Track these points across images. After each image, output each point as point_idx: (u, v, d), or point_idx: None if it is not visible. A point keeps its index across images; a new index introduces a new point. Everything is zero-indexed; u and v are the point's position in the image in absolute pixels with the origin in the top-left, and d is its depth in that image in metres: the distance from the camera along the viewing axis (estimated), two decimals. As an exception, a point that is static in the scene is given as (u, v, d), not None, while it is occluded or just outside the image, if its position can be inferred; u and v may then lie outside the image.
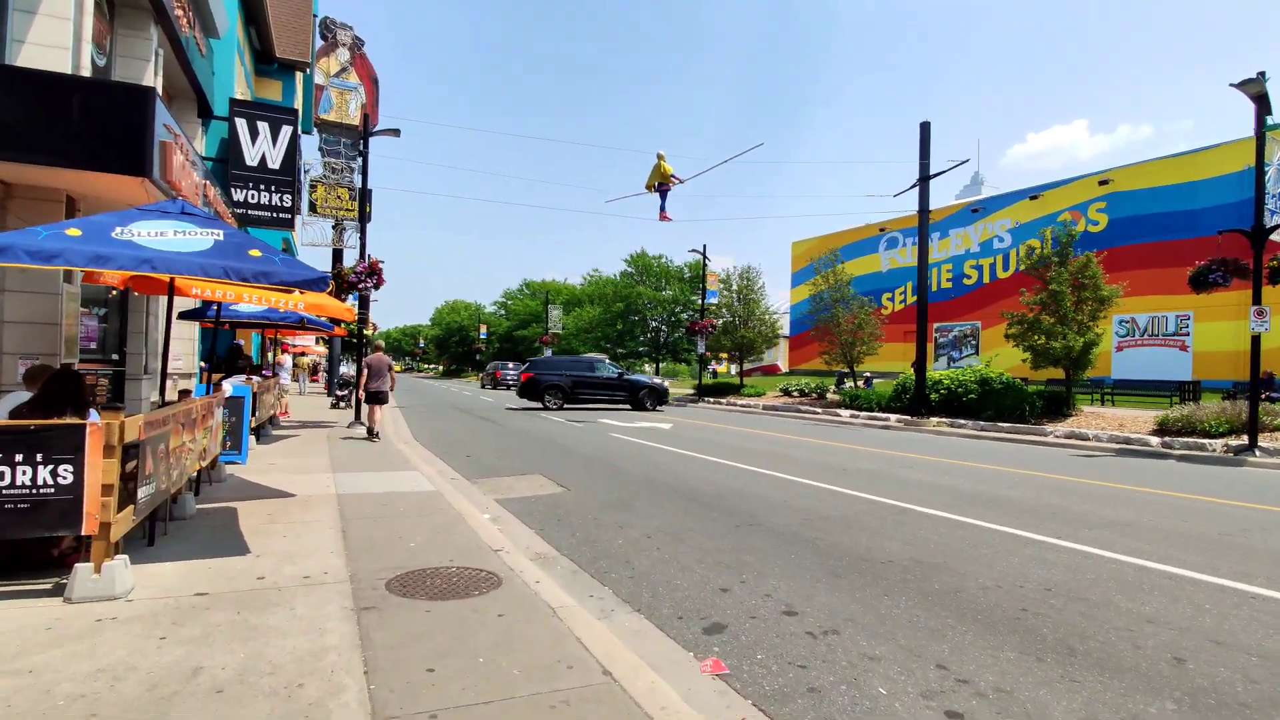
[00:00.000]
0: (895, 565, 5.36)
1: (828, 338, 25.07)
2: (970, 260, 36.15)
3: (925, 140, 19.48)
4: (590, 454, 11.93)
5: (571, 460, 11.13)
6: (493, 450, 12.38)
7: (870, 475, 10.00)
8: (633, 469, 10.26)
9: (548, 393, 23.92)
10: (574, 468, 10.33)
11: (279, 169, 14.95)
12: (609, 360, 27.73)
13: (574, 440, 14.11)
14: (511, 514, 7.18)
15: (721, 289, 31.22)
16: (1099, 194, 29.87)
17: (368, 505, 6.91)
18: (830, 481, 9.34)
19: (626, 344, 54.78)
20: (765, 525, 6.71)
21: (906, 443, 15.19)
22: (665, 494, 8.31)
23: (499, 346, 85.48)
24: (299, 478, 8.40)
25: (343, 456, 10.42)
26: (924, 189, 19.65)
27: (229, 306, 11.20)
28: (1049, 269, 18.10)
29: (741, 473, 10.07)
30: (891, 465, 11.15)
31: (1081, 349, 17.03)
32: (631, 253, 58.98)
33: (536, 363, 25.34)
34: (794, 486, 8.94)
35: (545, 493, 8.40)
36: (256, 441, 11.34)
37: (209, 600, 4.02)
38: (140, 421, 4.41)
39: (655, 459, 11.40)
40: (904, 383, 21.67)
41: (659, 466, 10.53)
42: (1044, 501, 8.15)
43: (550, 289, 70.33)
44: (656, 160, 18.28)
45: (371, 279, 14.64)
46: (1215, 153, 26.61)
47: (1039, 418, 17.58)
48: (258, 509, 6.51)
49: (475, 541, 5.56)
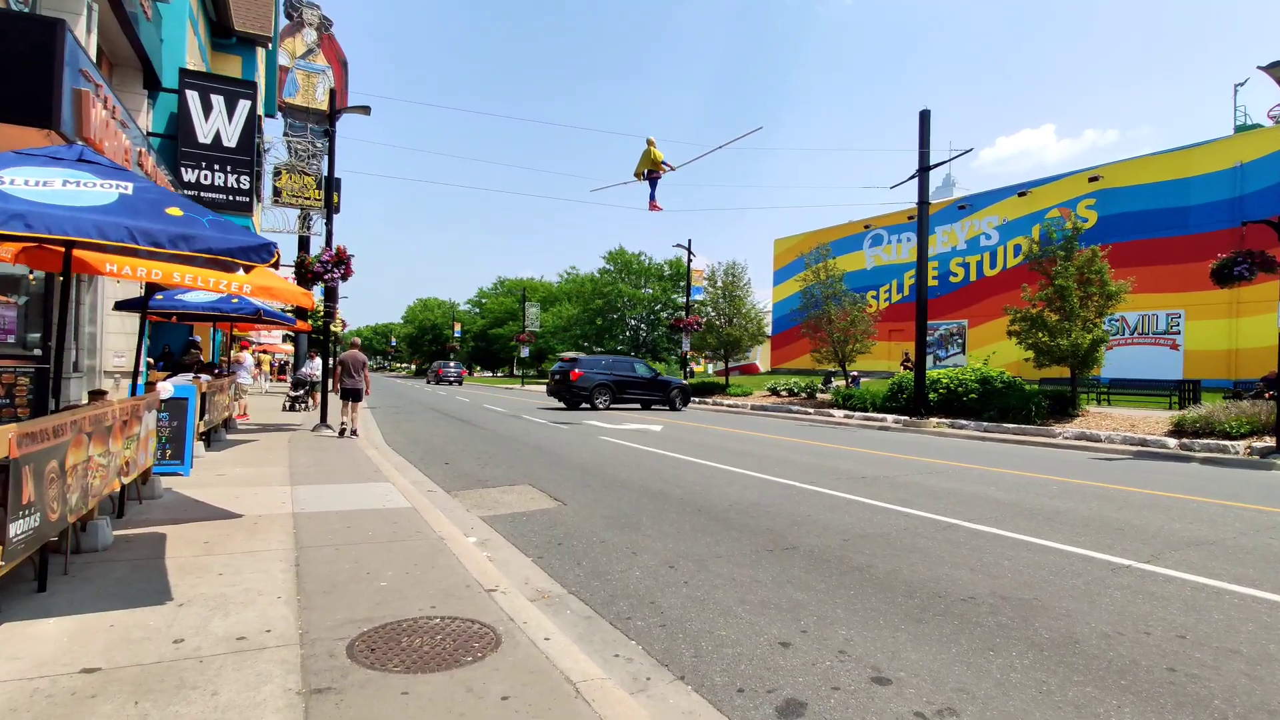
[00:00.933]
0: (979, 603, 4.40)
1: (819, 335, 24.25)
2: (957, 258, 35.70)
3: (925, 129, 18.72)
4: (582, 460, 10.87)
5: (562, 468, 10.06)
6: (474, 457, 11.26)
7: (893, 484, 9.08)
8: (631, 477, 9.23)
9: (597, 392, 23.31)
10: (566, 476, 9.26)
11: (235, 148, 13.66)
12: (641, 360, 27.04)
13: (561, 445, 13.04)
14: (502, 536, 6.11)
15: (706, 285, 30.28)
16: (1088, 190, 29.51)
17: (330, 527, 5.79)
18: (852, 491, 8.40)
19: (605, 343, 53.64)
20: (801, 548, 5.73)
21: (912, 445, 14.36)
22: (673, 508, 7.30)
23: (473, 345, 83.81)
24: (251, 492, 7.23)
25: (304, 465, 9.24)
26: (923, 180, 18.90)
27: (174, 295, 9.97)
28: (1053, 263, 17.44)
29: (751, 481, 9.09)
30: (910, 471, 10.25)
31: (1089, 346, 16.38)
32: (609, 249, 57.84)
33: (584, 361, 24.49)
34: (815, 498, 7.98)
35: (538, 507, 7.33)
36: (206, 448, 10.10)
37: (98, 681, 2.91)
38: (12, 435, 3.27)
39: (653, 466, 10.38)
40: (900, 381, 20.92)
41: (659, 475, 9.51)
42: (1099, 514, 7.29)
43: (527, 286, 68.91)
44: (646, 146, 17.25)
45: (339, 269, 13.42)
46: (1207, 149, 26.35)
47: (1045, 418, 16.89)
48: (193, 535, 5.37)
49: (462, 576, 4.50)
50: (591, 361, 24.51)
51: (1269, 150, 24.02)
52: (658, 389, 24.66)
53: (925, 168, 18.71)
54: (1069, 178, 30.55)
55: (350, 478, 8.41)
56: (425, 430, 15.68)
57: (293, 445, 11.39)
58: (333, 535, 5.54)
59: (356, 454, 10.57)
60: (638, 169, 17.47)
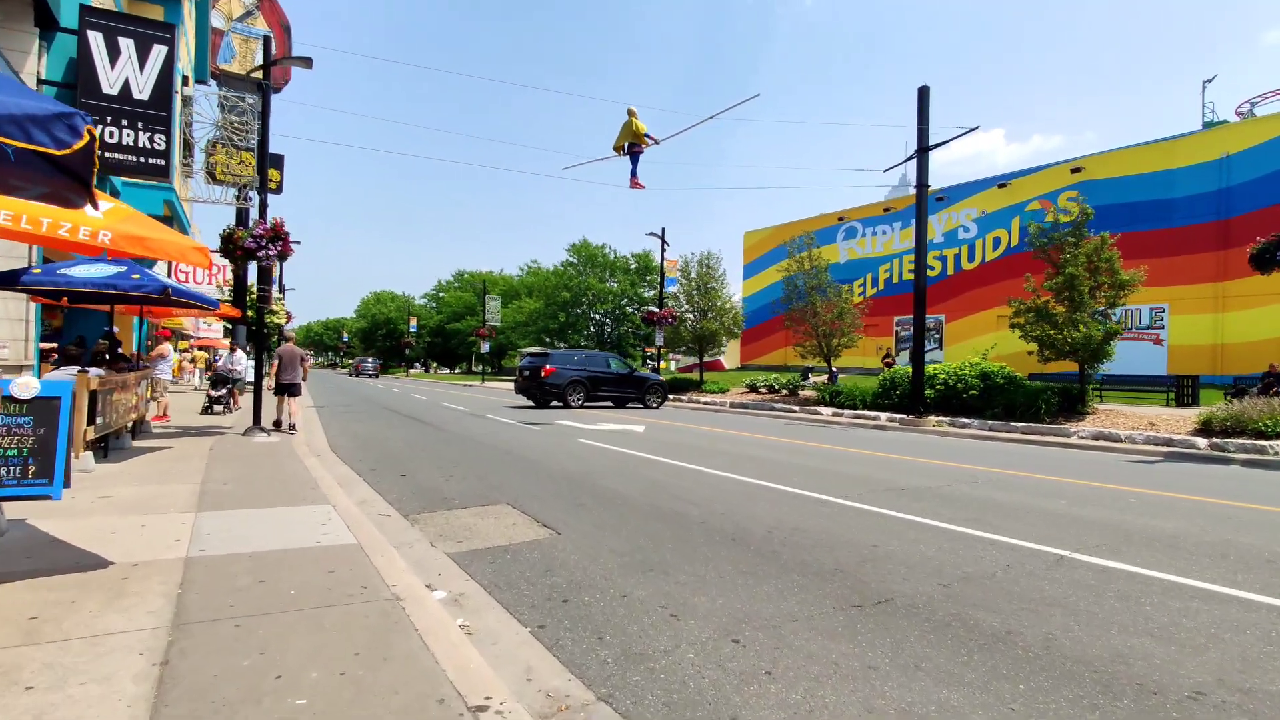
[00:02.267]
0: (1215, 704, 2.92)
1: (802, 328, 22.94)
2: (934, 251, 34.82)
3: (924, 107, 17.49)
4: (565, 469, 9.20)
5: (544, 479, 8.38)
6: (435, 466, 9.49)
7: (941, 496, 7.66)
8: (630, 491, 7.61)
9: (571, 389, 21.53)
10: (552, 491, 7.60)
11: (148, 101, 11.57)
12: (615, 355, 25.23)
13: (537, 450, 11.34)
14: (481, 588, 4.44)
15: (680, 277, 28.75)
16: (1071, 182, 28.89)
17: (235, 584, 4.04)
18: (902, 508, 6.94)
19: (570, 338, 51.75)
20: (896, 601, 4.21)
21: (922, 447, 13.07)
22: (699, 536, 5.71)
23: (429, 341, 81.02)
24: (138, 524, 5.39)
25: (223, 480, 7.37)
26: (922, 161, 17.67)
27: (56, 270, 8.02)
28: (1060, 250, 16.38)
29: (775, 495, 7.56)
30: (948, 479, 8.87)
31: (1103, 339, 15.35)
32: (573, 241, 55.96)
33: (556, 356, 22.59)
34: (867, 520, 6.48)
35: (525, 538, 5.66)
36: (98, 459, 8.13)
37: None
38: None
39: (650, 475, 8.78)
40: (893, 377, 19.72)
41: (662, 487, 7.91)
42: (1226, 539, 5.95)
43: (487, 280, 66.49)
44: (627, 117, 15.59)
45: (274, 245, 11.46)
46: (1192, 140, 25.89)
47: (1054, 416, 15.82)
48: (19, 603, 3.57)
49: (431, 678, 2.83)
50: (564, 356, 22.77)
51: (1256, 141, 23.60)
52: (633, 386, 23.21)
53: (925, 148, 17.48)
54: (1050, 169, 29.94)
55: (279, 498, 6.59)
56: (378, 433, 13.78)
57: (215, 454, 9.45)
58: (237, 598, 3.80)
59: (292, 464, 8.71)
60: (617, 142, 15.79)
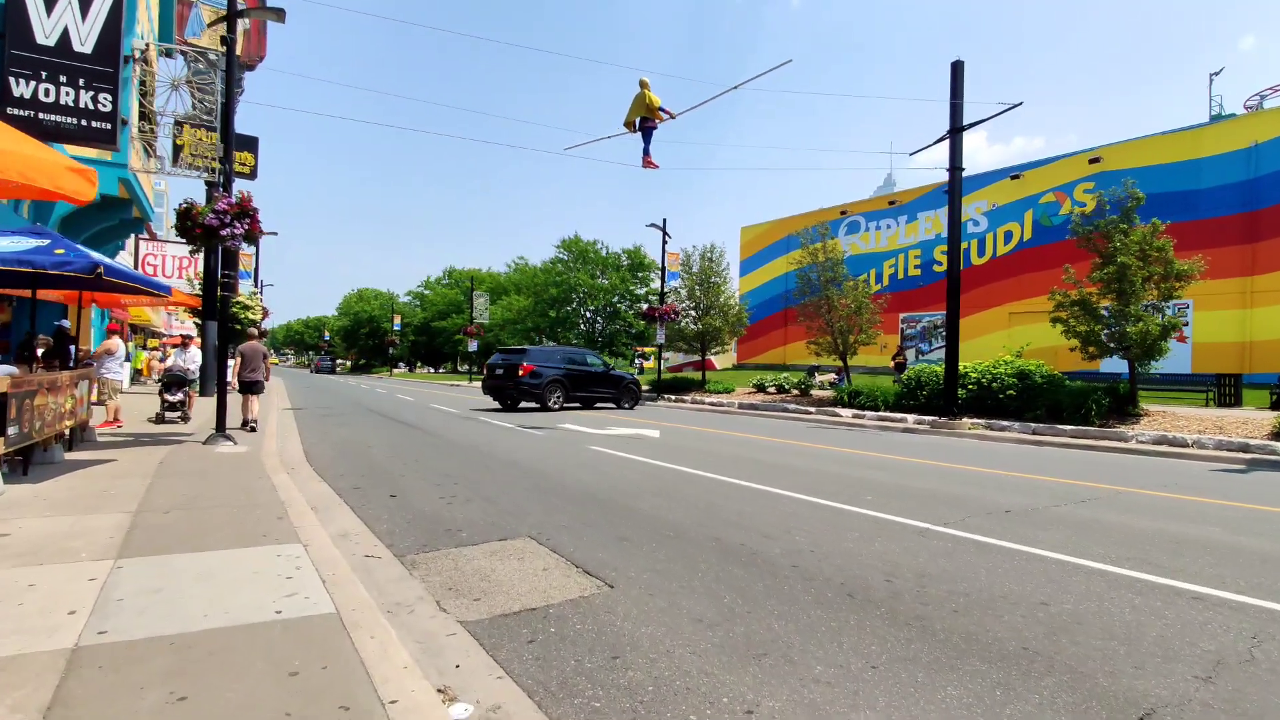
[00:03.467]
0: None
1: (816, 324, 21.54)
2: (941, 246, 33.62)
3: (958, 83, 16.15)
4: (588, 486, 7.70)
5: (567, 501, 6.88)
6: (431, 481, 7.95)
7: (1058, 522, 6.25)
8: (680, 518, 6.13)
9: (550, 389, 19.67)
10: (582, 519, 6.09)
11: (92, 55, 9.92)
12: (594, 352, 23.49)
13: (546, 460, 9.82)
14: (527, 696, 2.92)
15: (682, 271, 27.28)
16: (1087, 173, 27.73)
17: (136, 705, 2.49)
18: (1025, 539, 5.53)
19: (560, 336, 50.11)
20: (1161, 713, 2.76)
21: (976, 455, 11.71)
22: (801, 591, 4.25)
23: (414, 339, 79.04)
24: (26, 581, 3.84)
25: (166, 507, 5.80)
26: (955, 142, 16.33)
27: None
28: (1106, 239, 15.09)
29: (856, 522, 6.12)
30: (1047, 498, 7.47)
31: (1160, 334, 14.08)
32: (564, 237, 54.35)
33: (535, 353, 20.66)
34: (991, 556, 5.05)
35: (565, 595, 4.16)
36: (14, 478, 6.52)
37: None
38: None
39: (693, 494, 7.30)
40: (918, 376, 18.40)
41: (716, 511, 6.44)
42: None
43: (474, 277, 64.62)
44: (639, 90, 14.10)
45: (240, 223, 9.85)
46: (1218, 129, 24.84)
47: (1104, 419, 14.53)
48: None
49: None
50: (544, 353, 21.00)
51: (1287, 129, 22.57)
52: (610, 385, 21.65)
53: (958, 128, 16.14)
54: (1065, 159, 28.77)
55: (236, 533, 5.04)
56: (361, 438, 12.18)
57: (166, 468, 7.85)
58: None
59: (258, 482, 7.13)
60: (628, 117, 14.27)
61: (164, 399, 12.32)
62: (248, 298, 25.31)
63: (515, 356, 20.13)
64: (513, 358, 20.08)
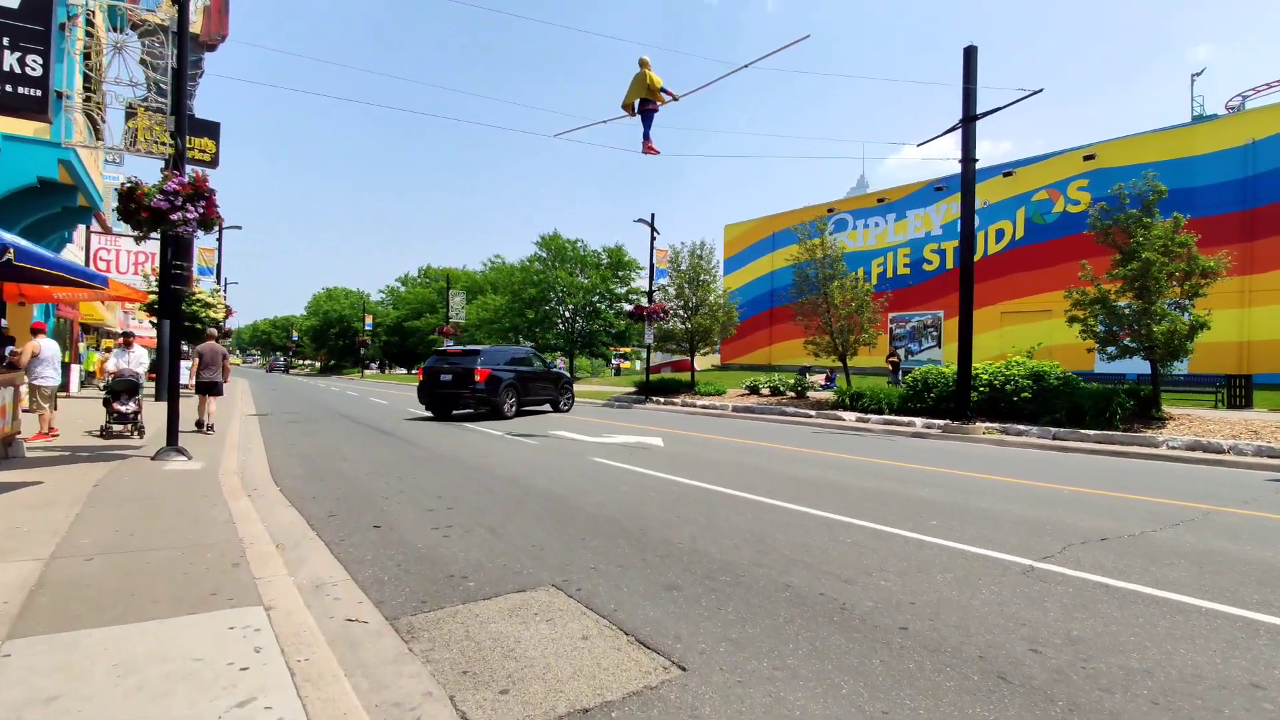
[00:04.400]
0: None
1: (814, 323, 20.64)
2: (931, 244, 33.15)
3: (970, 69, 15.34)
4: (608, 511, 6.62)
5: (590, 532, 5.79)
6: (422, 505, 6.80)
7: (1179, 554, 5.34)
8: (733, 556, 5.09)
9: (506, 395, 17.44)
10: (614, 558, 5.01)
11: (18, 8, 8.57)
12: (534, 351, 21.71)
13: (550, 476, 8.71)
14: None
15: (670, 269, 26.25)
16: (1081, 170, 27.31)
17: None
18: (1166, 583, 4.60)
19: (541, 336, 48.78)
20: None
21: (1002, 463, 10.86)
22: (934, 671, 3.23)
23: (386, 340, 77.04)
24: None
25: (89, 552, 4.59)
26: (968, 132, 15.50)
27: None
28: (1125, 234, 14.40)
29: (940, 556, 5.14)
30: (1138, 520, 6.57)
31: (1188, 333, 13.40)
32: (543, 234, 52.91)
33: (488, 354, 17.93)
34: (1141, 610, 4.09)
35: (626, 685, 3.07)
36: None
37: None
38: None
39: (735, 522, 6.27)
40: (925, 378, 17.59)
41: (771, 545, 5.41)
42: None
43: (450, 275, 62.88)
44: (639, 70, 13.04)
45: (194, 206, 8.59)
46: (1214, 126, 24.52)
47: (1128, 423, 13.82)
48: None
49: None
50: (497, 354, 18.34)
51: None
52: (552, 386, 19.90)
53: (972, 116, 15.33)
54: (1059, 156, 28.32)
55: (174, 592, 3.88)
56: (334, 449, 10.93)
57: (100, 493, 6.59)
58: None
59: (212, 511, 5.93)
60: (627, 99, 13.19)
61: (113, 409, 10.74)
62: (209, 295, 23.72)
63: (466, 360, 17.40)
64: (463, 361, 17.39)
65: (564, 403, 20.48)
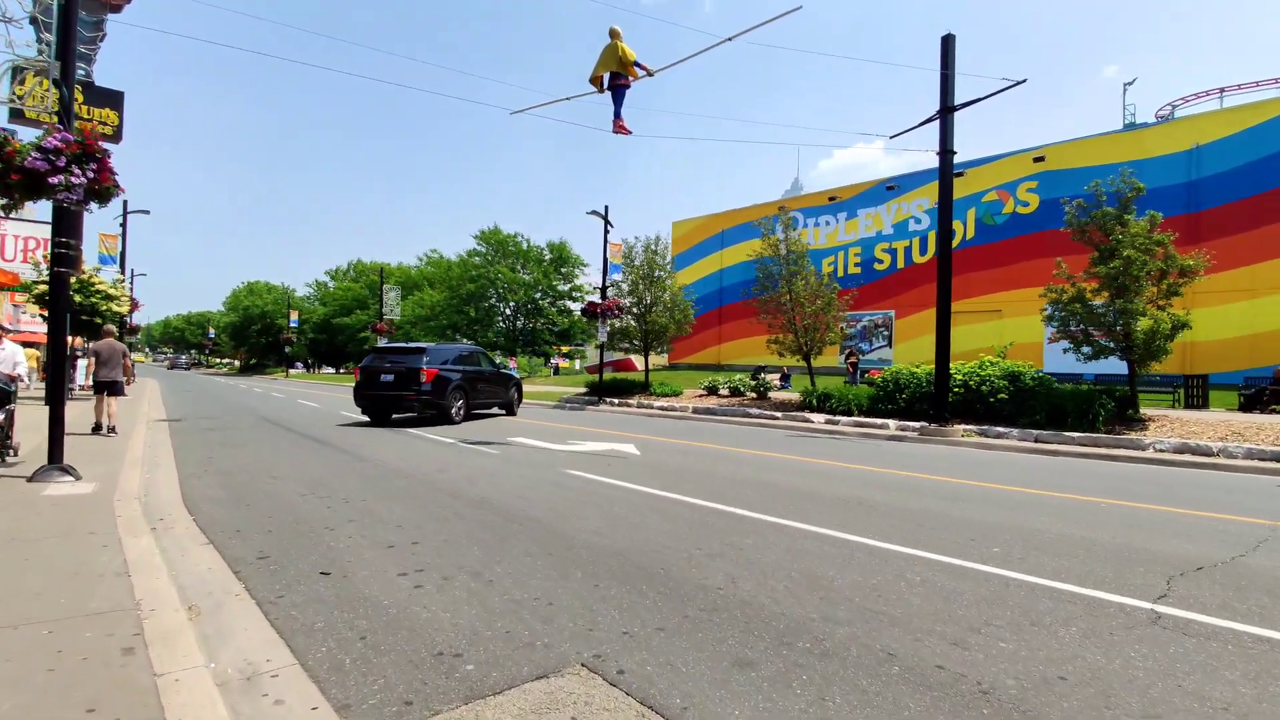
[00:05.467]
0: None
1: (777, 321, 19.90)
2: (882, 243, 33.11)
3: (948, 57, 14.84)
4: (612, 542, 5.48)
5: (601, 575, 4.63)
6: (381, 542, 5.48)
7: (1275, 586, 4.59)
8: (797, 609, 4.04)
9: (453, 397, 15.85)
10: (647, 616, 3.87)
11: None
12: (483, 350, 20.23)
13: (527, 496, 7.49)
14: None
15: (625, 264, 25.13)
16: (1031, 171, 27.61)
17: None
18: (1319, 629, 3.79)
19: (480, 334, 46.83)
20: None
21: (1000, 469, 10.25)
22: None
23: (312, 338, 73.23)
24: None
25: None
26: (946, 123, 15.02)
27: None
28: (1102, 232, 14.15)
29: (1053, 600, 4.24)
30: (1215, 541, 5.87)
31: (1170, 331, 13.20)
32: (482, 228, 50.95)
33: (435, 351, 16.33)
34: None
35: None
36: None
37: None
38: None
39: (775, 557, 5.23)
40: (895, 378, 17.07)
41: (836, 591, 4.40)
42: None
43: (384, 270, 59.92)
44: (610, 40, 11.89)
45: (82, 169, 6.99)
46: (1161, 130, 25.09)
47: (1110, 424, 13.53)
48: None
49: None
50: (442, 352, 16.73)
51: (1228, 131, 22.91)
52: (502, 388, 18.65)
53: (949, 106, 14.84)
54: (1009, 158, 28.59)
55: (32, 704, 2.53)
56: (262, 464, 9.37)
57: (-54, 533, 5.02)
58: None
59: (101, 557, 4.49)
60: (595, 72, 11.99)
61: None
62: (111, 286, 21.24)
63: (410, 358, 15.79)
64: (407, 360, 15.76)
65: (516, 406, 19.26)
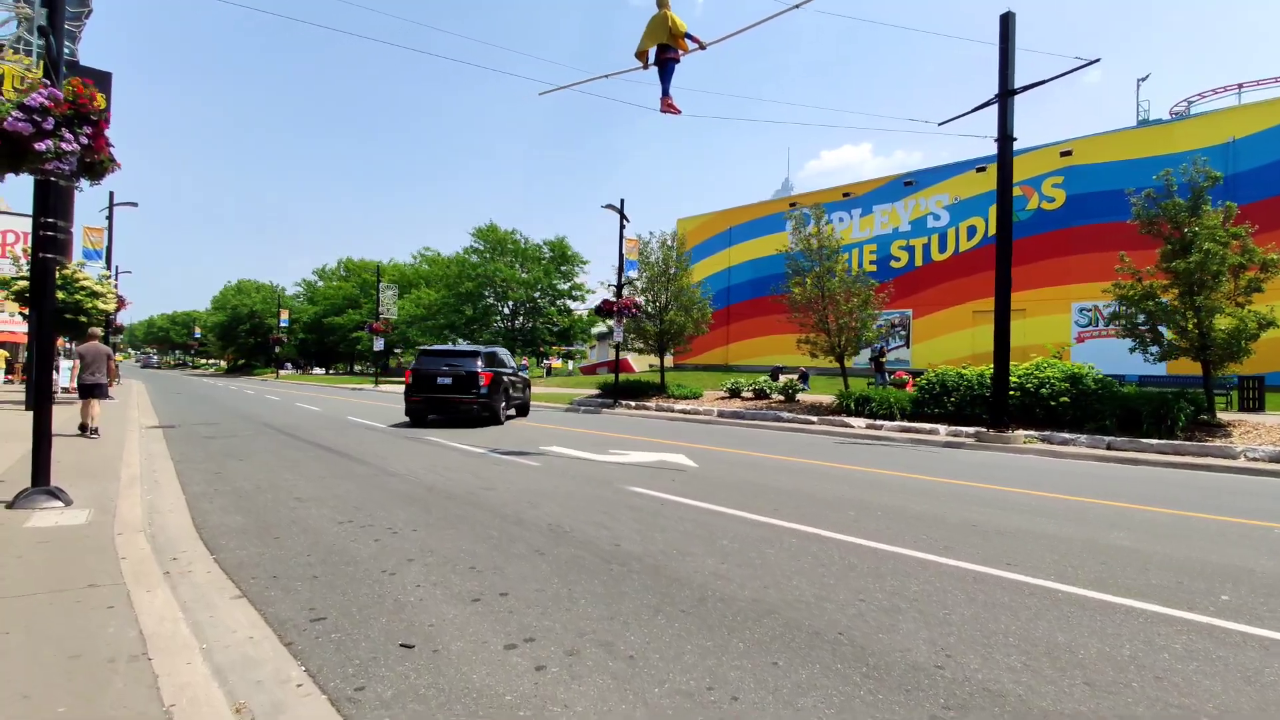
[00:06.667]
0: None
1: (809, 321, 18.86)
2: (899, 240, 32.19)
3: (1007, 40, 13.84)
4: (746, 588, 4.41)
5: (768, 642, 3.54)
6: (463, 594, 4.37)
7: None
8: (1076, 710, 2.97)
9: (501, 398, 16.01)
10: (877, 718, 2.79)
11: None
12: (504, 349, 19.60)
13: (600, 523, 6.39)
14: None
15: (640, 261, 24.01)
16: (1057, 166, 26.78)
17: None
18: None
19: (479, 334, 45.51)
20: None
21: (1086, 480, 9.29)
22: None
23: (303, 337, 71.61)
24: None
25: None
26: (1005, 107, 13.97)
27: None
28: (1176, 224, 13.21)
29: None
30: None
31: (1256, 331, 12.30)
32: (478, 225, 49.62)
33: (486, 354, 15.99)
34: None
35: None
36: None
37: None
38: None
39: (971, 610, 4.17)
40: (941, 379, 16.08)
41: (1120, 681, 3.33)
42: None
43: (378, 268, 58.44)
44: (658, 9, 10.79)
45: (73, 133, 5.83)
46: (1194, 123, 24.34)
47: (1188, 431, 12.59)
48: None
49: None
50: (489, 355, 16.41)
51: (1265, 125, 22.17)
52: (523, 390, 18.73)
53: (1009, 91, 13.82)
54: (1034, 152, 27.69)
55: None
56: (277, 480, 8.20)
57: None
58: None
59: (105, 626, 3.35)
60: (641, 46, 10.90)
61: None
62: (97, 282, 19.85)
63: (465, 361, 15.28)
64: (463, 363, 15.23)
65: (529, 409, 18.55)
